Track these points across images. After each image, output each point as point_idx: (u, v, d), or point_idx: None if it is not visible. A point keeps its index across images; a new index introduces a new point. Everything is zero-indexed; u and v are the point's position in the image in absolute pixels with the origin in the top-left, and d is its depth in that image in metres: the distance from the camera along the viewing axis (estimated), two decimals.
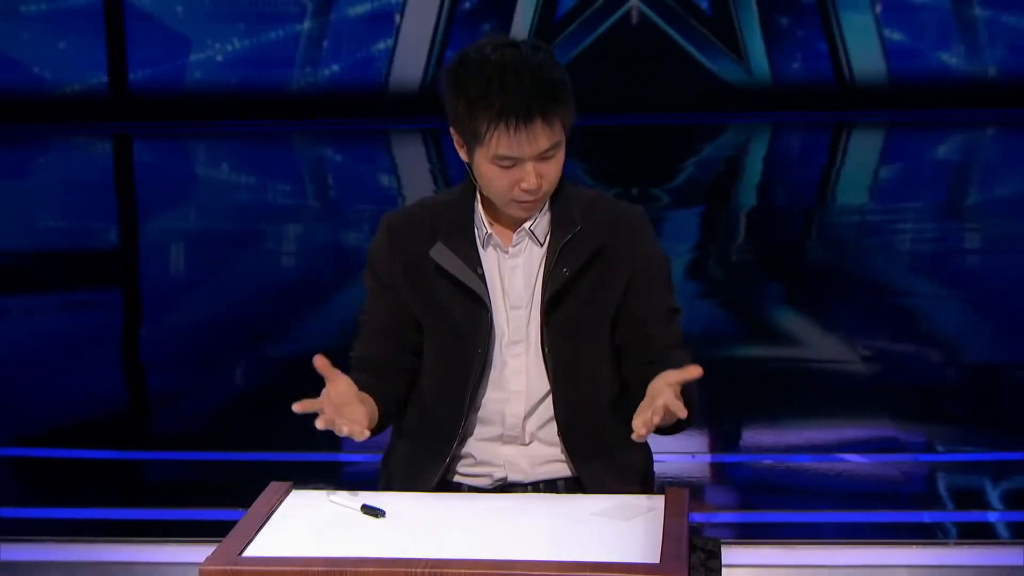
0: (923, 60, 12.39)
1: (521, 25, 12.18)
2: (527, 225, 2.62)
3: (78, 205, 9.90)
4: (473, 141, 2.52)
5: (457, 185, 2.68)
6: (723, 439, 5.00)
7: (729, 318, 6.75)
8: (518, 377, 2.64)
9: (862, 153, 11.66)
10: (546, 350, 2.61)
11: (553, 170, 2.54)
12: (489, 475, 2.66)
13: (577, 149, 2.72)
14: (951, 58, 12.38)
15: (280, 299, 7.11)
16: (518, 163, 2.50)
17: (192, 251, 8.41)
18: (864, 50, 12.39)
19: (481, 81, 2.47)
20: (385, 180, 11.07)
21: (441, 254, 2.60)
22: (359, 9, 12.49)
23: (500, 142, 2.48)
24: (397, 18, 12.43)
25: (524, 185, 2.52)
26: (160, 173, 11.37)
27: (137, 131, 12.36)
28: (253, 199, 10.20)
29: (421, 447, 2.67)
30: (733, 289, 7.24)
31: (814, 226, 8.79)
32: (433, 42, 12.39)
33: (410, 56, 12.45)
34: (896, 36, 12.43)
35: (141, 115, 12.46)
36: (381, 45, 12.48)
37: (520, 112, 2.46)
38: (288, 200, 10.30)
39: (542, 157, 2.51)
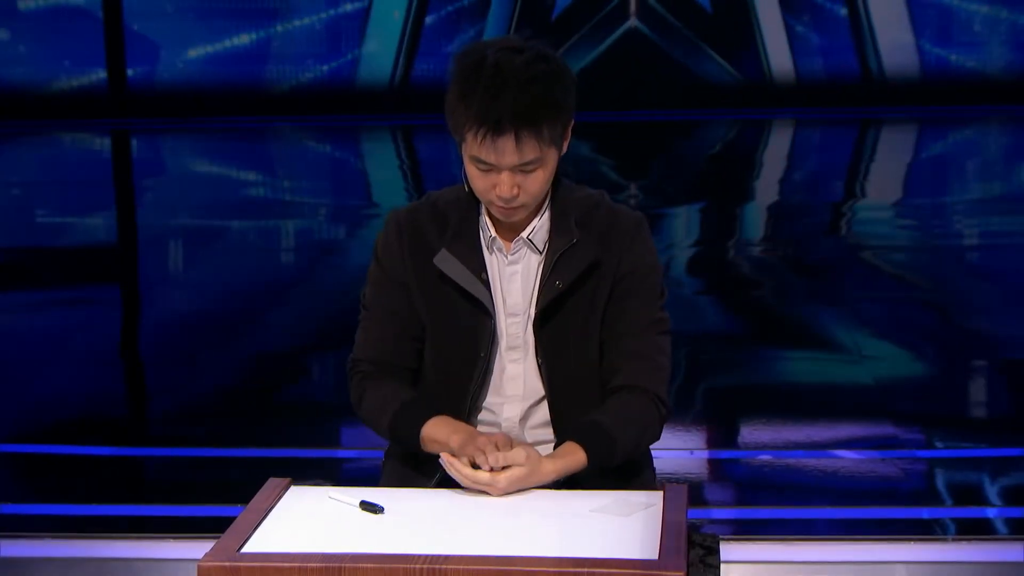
0: (954, 55, 12.38)
1: (497, 30, 12.27)
2: (525, 233, 2.60)
3: (73, 201, 9.90)
4: (456, 135, 2.52)
5: (461, 183, 2.66)
6: (722, 435, 5.00)
7: (730, 314, 6.75)
8: (515, 382, 2.64)
9: (869, 149, 11.66)
10: (540, 360, 2.61)
11: (532, 183, 2.51)
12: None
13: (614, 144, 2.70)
14: (979, 54, 12.35)
15: (280, 295, 7.11)
16: (494, 169, 2.49)
17: (189, 247, 8.40)
18: (894, 44, 12.38)
19: (470, 80, 2.46)
20: (381, 176, 11.09)
21: (445, 261, 2.58)
22: (345, 8, 12.60)
23: (473, 145, 2.47)
24: (366, 19, 12.54)
25: (497, 192, 2.50)
26: (152, 169, 11.41)
27: (136, 127, 12.37)
28: (244, 195, 10.20)
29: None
30: (734, 286, 7.24)
31: (817, 223, 8.78)
32: (401, 43, 12.49)
33: (380, 55, 12.55)
34: (927, 31, 12.40)
35: (139, 112, 12.50)
36: (355, 45, 12.59)
37: (492, 123, 2.43)
38: (280, 196, 10.30)
39: (520, 169, 2.49)
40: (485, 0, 12.45)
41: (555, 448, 2.63)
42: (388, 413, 2.60)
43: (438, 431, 2.53)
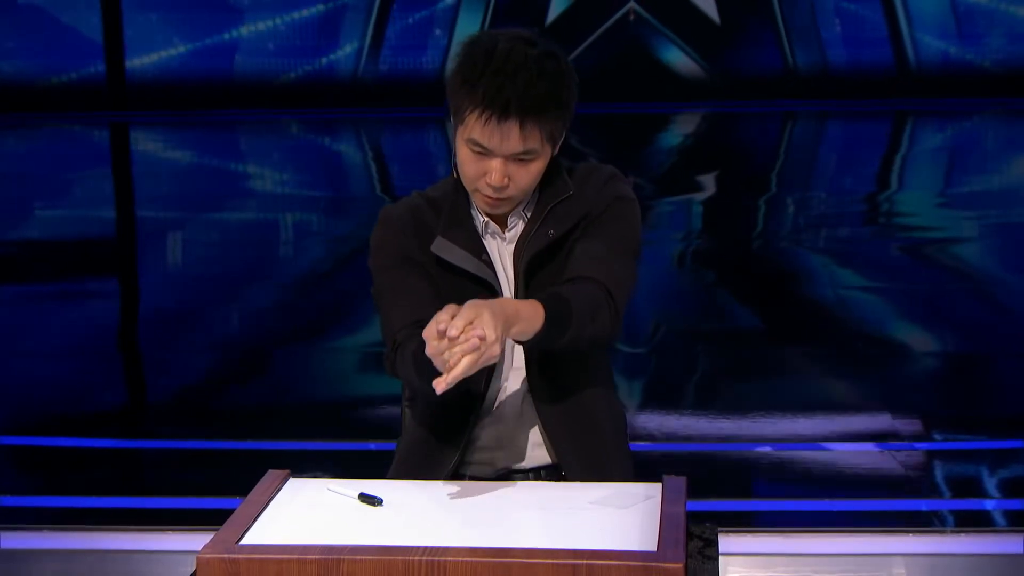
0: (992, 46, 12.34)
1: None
2: (521, 207, 2.60)
3: (70, 194, 9.92)
4: (456, 117, 2.51)
5: (446, 178, 2.65)
6: (721, 427, 5.00)
7: (730, 308, 6.75)
8: (518, 354, 2.62)
9: (875, 142, 11.66)
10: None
11: (524, 176, 2.51)
12: (492, 463, 2.65)
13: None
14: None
15: (277, 288, 7.11)
16: (489, 155, 2.48)
17: (188, 240, 8.41)
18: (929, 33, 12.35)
19: (479, 64, 2.45)
20: (384, 168, 11.12)
21: (443, 247, 2.57)
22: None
23: (475, 128, 2.46)
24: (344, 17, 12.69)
25: (488, 179, 2.49)
26: (137, 162, 11.45)
27: (136, 120, 12.39)
28: (231, 187, 10.21)
29: (436, 436, 2.64)
30: (734, 279, 7.24)
31: (823, 216, 8.78)
32: (363, 40, 12.60)
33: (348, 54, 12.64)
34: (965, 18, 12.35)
35: (138, 105, 12.53)
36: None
37: (498, 107, 2.43)
38: (282, 189, 10.30)
39: (515, 159, 2.48)
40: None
41: (541, 429, 2.62)
42: (408, 356, 2.49)
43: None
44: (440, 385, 2.22)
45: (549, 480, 2.66)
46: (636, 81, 12.43)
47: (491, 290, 2.58)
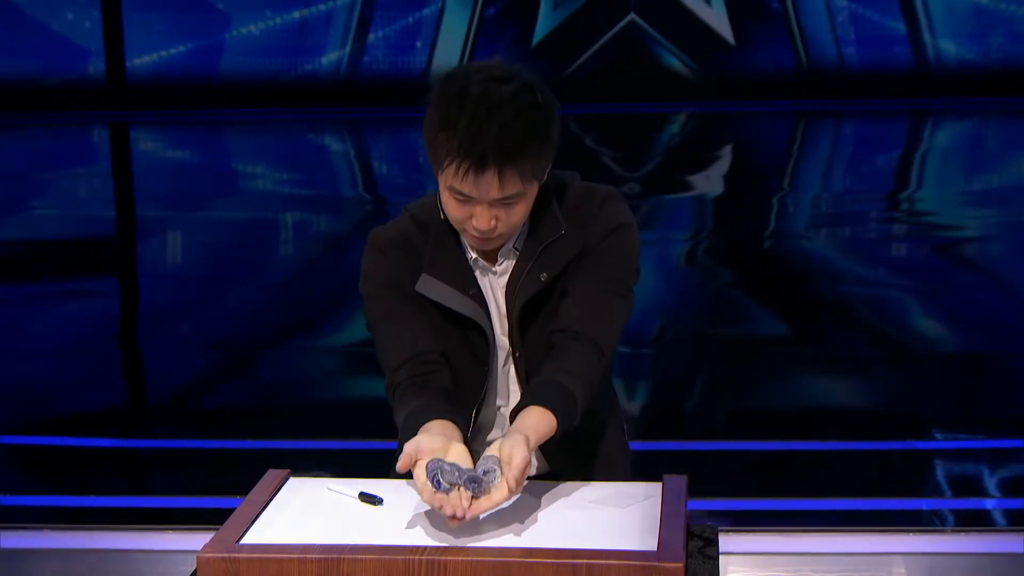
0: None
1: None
2: (510, 243, 2.53)
3: (69, 194, 9.92)
4: (434, 163, 2.43)
5: (431, 195, 2.57)
6: (721, 426, 5.00)
7: (731, 304, 6.75)
8: (515, 384, 2.59)
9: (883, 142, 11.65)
10: (517, 354, 2.53)
11: (511, 216, 2.43)
12: None
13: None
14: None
15: (277, 287, 7.11)
16: (473, 201, 2.40)
17: (187, 239, 8.41)
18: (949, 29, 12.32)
19: (453, 109, 2.35)
20: (379, 168, 11.12)
21: (428, 285, 2.51)
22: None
23: (454, 179, 2.38)
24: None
25: (474, 223, 2.42)
26: (135, 160, 11.46)
27: (135, 119, 12.39)
28: (242, 187, 10.21)
29: None
30: (737, 279, 7.24)
31: (828, 216, 8.78)
32: (345, 40, 12.63)
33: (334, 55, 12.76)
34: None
35: (138, 104, 12.54)
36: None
37: (475, 158, 2.34)
38: (281, 189, 10.30)
39: (500, 202, 2.40)
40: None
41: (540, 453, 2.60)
42: (401, 416, 2.49)
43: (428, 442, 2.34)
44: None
45: (548, 481, 2.65)
46: (642, 83, 12.43)
47: (479, 328, 2.53)
